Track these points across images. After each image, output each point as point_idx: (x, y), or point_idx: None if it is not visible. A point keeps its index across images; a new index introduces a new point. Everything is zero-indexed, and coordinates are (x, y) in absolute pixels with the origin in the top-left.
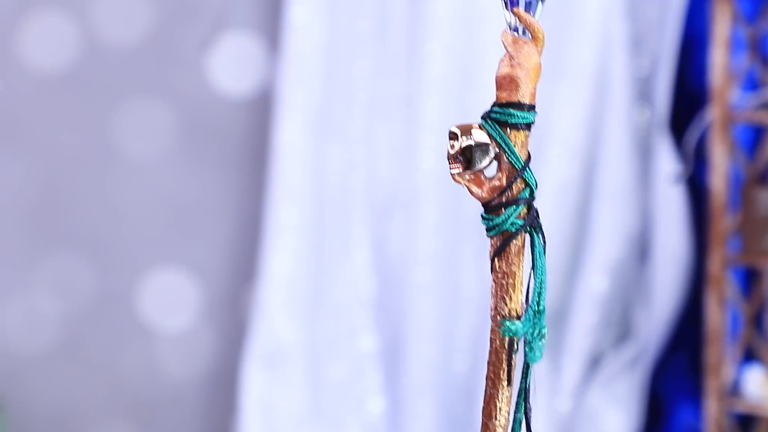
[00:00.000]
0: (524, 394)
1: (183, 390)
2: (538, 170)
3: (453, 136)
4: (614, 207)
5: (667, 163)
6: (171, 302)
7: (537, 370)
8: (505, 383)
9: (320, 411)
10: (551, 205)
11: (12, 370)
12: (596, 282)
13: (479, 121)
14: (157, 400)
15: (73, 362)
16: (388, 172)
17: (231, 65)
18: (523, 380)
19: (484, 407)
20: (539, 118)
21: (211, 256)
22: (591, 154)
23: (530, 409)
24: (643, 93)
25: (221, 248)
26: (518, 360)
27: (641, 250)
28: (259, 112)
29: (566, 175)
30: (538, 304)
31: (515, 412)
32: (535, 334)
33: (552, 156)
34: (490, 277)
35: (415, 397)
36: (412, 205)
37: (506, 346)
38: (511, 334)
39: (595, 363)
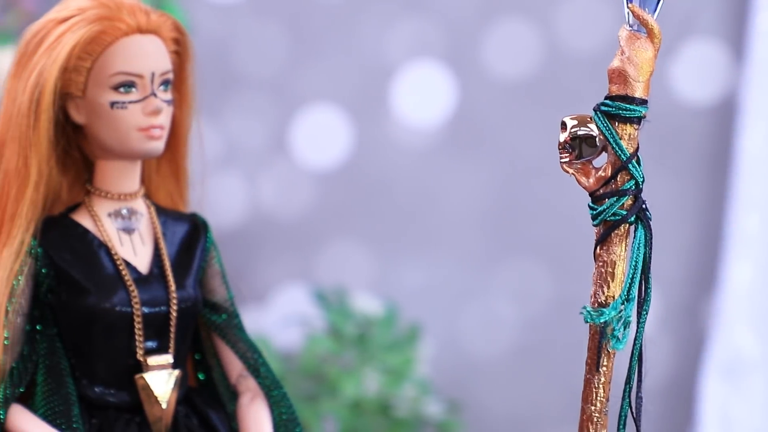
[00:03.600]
0: (629, 381)
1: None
2: None
3: (563, 127)
4: None
5: None
6: None
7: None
8: (594, 369)
9: None
10: None
11: (469, 373)
12: None
13: (591, 113)
14: (614, 407)
15: (530, 367)
16: None
17: (694, 72)
18: (629, 369)
19: (582, 391)
20: None
21: (670, 264)
22: None
23: (641, 397)
24: None
25: (680, 256)
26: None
27: None
28: (722, 119)
29: None
30: (628, 293)
31: (622, 399)
32: (620, 323)
33: None
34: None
35: None
36: None
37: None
38: (591, 321)
39: None
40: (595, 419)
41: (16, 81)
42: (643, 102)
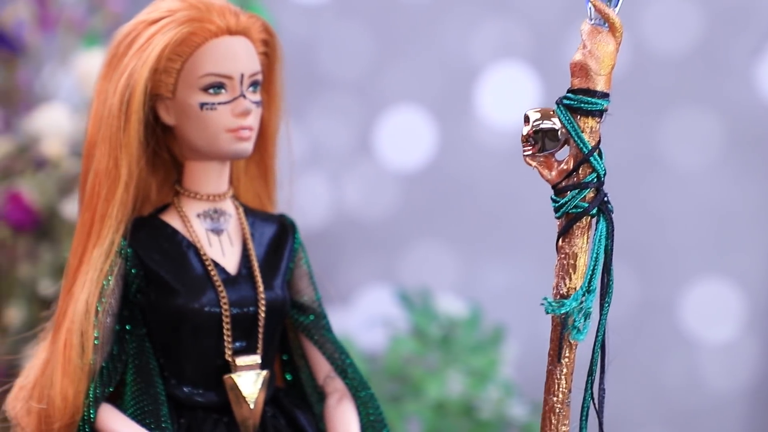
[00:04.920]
0: (591, 373)
1: (725, 401)
2: None
3: (526, 120)
4: None
5: None
6: (714, 313)
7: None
8: (556, 360)
9: None
10: None
11: None
12: None
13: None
14: (699, 410)
15: (613, 369)
16: None
17: None
18: (592, 360)
19: (545, 382)
20: None
21: (755, 267)
22: None
23: (603, 390)
24: None
25: (765, 259)
26: (609, 341)
27: None
28: None
29: None
30: (589, 284)
31: (585, 390)
32: (581, 314)
33: None
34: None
35: None
36: None
37: (560, 323)
38: (552, 312)
39: None
40: (557, 410)
41: (106, 82)
42: (605, 95)
